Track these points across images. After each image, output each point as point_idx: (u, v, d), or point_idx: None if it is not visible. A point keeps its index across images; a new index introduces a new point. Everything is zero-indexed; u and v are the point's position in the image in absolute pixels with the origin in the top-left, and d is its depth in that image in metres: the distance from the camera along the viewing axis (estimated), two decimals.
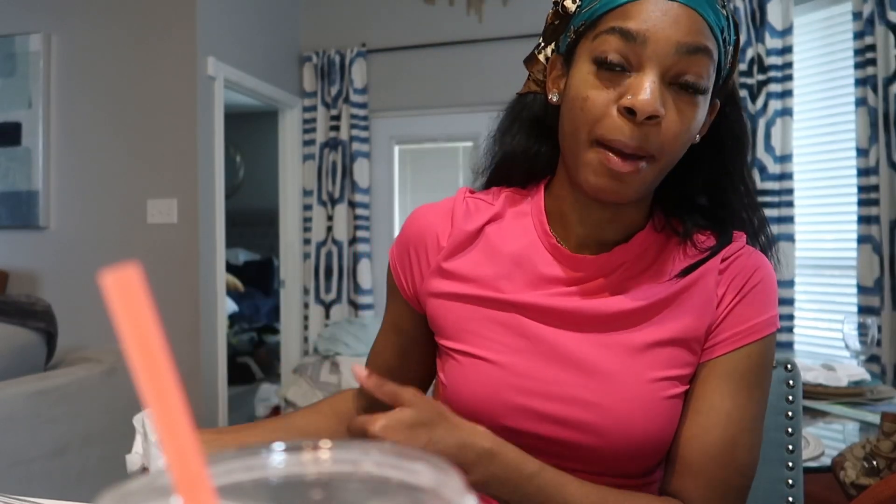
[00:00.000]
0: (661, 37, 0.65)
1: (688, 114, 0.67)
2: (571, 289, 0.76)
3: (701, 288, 0.74)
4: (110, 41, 3.32)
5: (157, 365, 0.19)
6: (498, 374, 0.74)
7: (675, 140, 0.67)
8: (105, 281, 0.19)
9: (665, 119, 0.66)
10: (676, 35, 0.65)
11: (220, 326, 3.37)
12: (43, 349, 1.76)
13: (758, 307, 0.73)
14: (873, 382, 1.85)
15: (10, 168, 3.38)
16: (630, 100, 0.65)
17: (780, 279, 3.10)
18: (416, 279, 0.83)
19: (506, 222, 0.81)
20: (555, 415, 0.72)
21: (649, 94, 0.64)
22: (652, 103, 0.64)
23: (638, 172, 0.68)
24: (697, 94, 0.67)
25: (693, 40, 0.65)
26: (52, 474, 1.60)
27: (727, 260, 0.75)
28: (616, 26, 0.66)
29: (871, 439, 1.23)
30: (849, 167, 2.92)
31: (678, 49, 0.65)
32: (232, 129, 4.01)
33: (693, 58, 0.65)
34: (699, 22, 0.66)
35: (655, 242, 0.77)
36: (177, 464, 0.19)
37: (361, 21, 4.10)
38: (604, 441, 0.71)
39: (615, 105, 0.66)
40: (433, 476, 0.21)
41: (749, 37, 3.24)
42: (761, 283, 0.74)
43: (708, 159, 0.77)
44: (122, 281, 0.19)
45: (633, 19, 0.65)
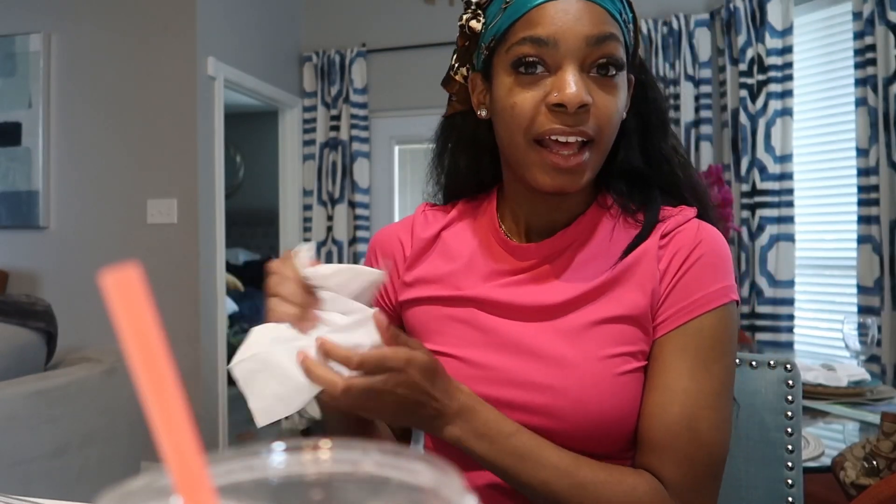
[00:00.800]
0: (569, 35, 0.69)
1: (613, 94, 0.72)
2: (521, 277, 0.79)
3: (643, 265, 0.76)
4: (110, 41, 3.32)
5: (156, 365, 0.19)
6: (458, 366, 0.77)
7: (608, 121, 0.72)
8: (105, 281, 0.19)
9: (594, 104, 0.71)
10: (583, 30, 0.69)
11: (220, 326, 3.37)
12: (43, 349, 1.76)
13: (703, 280, 0.74)
14: (873, 382, 1.85)
15: (10, 168, 3.39)
16: (557, 96, 0.69)
17: (780, 279, 3.13)
18: (391, 294, 0.87)
19: (461, 226, 0.87)
20: (515, 401, 0.74)
21: (574, 87, 0.69)
22: (578, 94, 0.68)
23: (584, 164, 0.72)
24: (616, 75, 0.72)
25: (599, 31, 0.70)
26: (52, 474, 1.60)
27: (668, 235, 0.77)
28: (526, 36, 0.71)
29: (871, 439, 1.23)
30: (849, 167, 2.92)
31: (588, 42, 0.70)
32: (232, 129, 4.01)
33: (603, 45, 0.70)
34: (600, 12, 0.70)
35: (601, 221, 0.81)
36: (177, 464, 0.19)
37: (361, 21, 4.10)
38: (564, 423, 0.73)
39: (543, 104, 0.71)
40: (433, 476, 0.21)
41: (749, 37, 3.24)
42: (705, 256, 0.75)
43: (634, 132, 0.81)
44: (122, 281, 0.19)
45: (539, 25, 0.70)
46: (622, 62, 0.72)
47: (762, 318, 3.20)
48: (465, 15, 0.78)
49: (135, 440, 1.91)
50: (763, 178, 3.20)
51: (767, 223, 3.19)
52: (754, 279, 3.21)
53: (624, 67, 0.72)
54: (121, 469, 1.85)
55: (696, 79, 3.45)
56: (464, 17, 0.79)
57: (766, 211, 3.19)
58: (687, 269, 0.75)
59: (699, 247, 0.76)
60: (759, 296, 3.20)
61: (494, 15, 0.74)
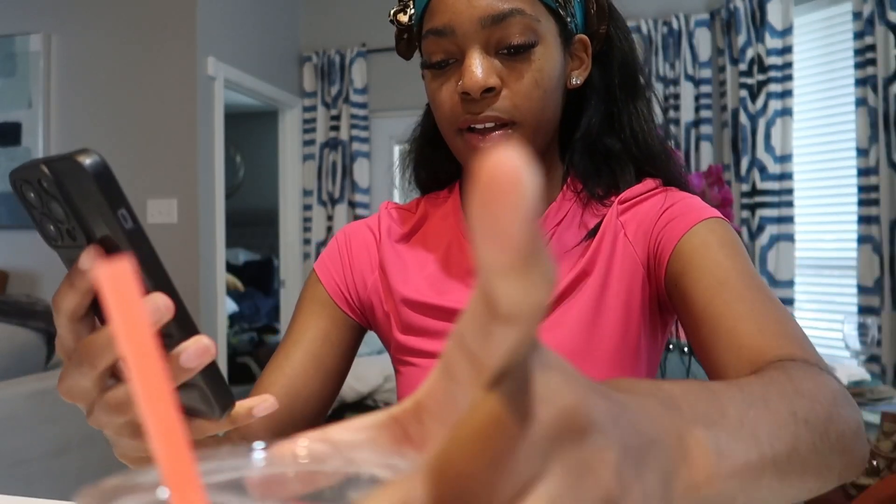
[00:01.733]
0: (463, 20, 0.67)
1: (527, 72, 0.68)
2: None
3: (608, 242, 0.72)
4: (110, 41, 3.32)
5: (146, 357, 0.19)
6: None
7: (526, 99, 0.68)
8: (98, 274, 0.19)
9: (507, 86, 0.68)
10: (476, 13, 0.66)
11: (220, 326, 3.37)
12: (43, 349, 1.76)
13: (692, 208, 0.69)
14: (873, 382, 1.85)
15: (10, 168, 3.38)
16: (461, 84, 0.67)
17: (780, 279, 3.13)
18: (359, 288, 0.81)
19: (429, 228, 0.83)
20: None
21: (477, 73, 0.66)
22: (479, 80, 0.66)
23: (505, 139, 0.69)
24: (528, 51, 0.67)
25: (495, 10, 0.66)
26: (52, 474, 1.60)
27: (627, 202, 0.73)
28: (428, 29, 0.69)
29: (871, 439, 1.23)
30: (849, 167, 2.92)
31: (483, 23, 0.66)
32: (232, 129, 4.01)
33: (503, 24, 0.66)
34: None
35: (570, 208, 0.76)
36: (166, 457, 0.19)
37: (361, 21, 4.10)
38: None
39: (457, 94, 0.69)
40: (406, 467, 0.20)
41: (749, 37, 3.25)
42: (676, 197, 0.71)
43: (599, 97, 0.76)
44: (115, 274, 0.19)
45: (437, 15, 0.68)
46: (532, 37, 0.67)
47: None
48: (394, 9, 0.78)
49: None
50: (763, 178, 3.20)
51: (767, 223, 3.19)
52: None
53: (538, 41, 0.67)
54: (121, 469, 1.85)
55: (696, 79, 3.45)
56: (391, 12, 0.78)
57: (766, 211, 3.19)
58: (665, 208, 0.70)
59: (668, 195, 0.72)
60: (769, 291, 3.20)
61: (418, 6, 0.73)
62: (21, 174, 0.33)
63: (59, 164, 0.31)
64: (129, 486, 0.20)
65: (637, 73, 0.77)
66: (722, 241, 0.65)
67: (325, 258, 0.83)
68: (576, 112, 0.76)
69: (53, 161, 0.30)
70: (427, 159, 0.88)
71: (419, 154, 0.90)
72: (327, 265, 0.82)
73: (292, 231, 4.16)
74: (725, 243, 0.65)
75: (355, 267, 0.81)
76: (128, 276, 0.20)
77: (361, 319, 0.82)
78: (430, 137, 0.87)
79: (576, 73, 0.74)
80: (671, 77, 3.48)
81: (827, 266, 3.17)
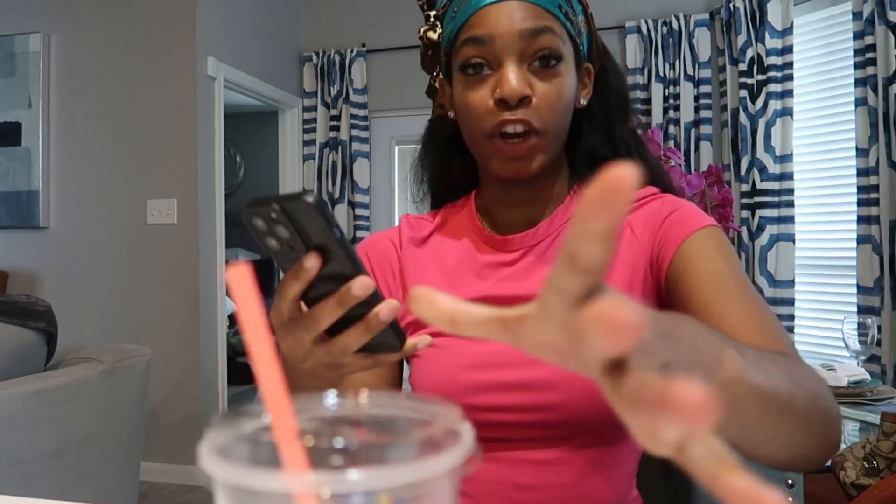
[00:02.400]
0: (503, 32, 0.76)
1: (554, 83, 0.77)
2: (510, 269, 0.82)
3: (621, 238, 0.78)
4: (110, 41, 3.32)
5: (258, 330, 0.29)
6: (458, 353, 0.78)
7: (551, 110, 0.77)
8: (227, 272, 0.29)
9: (536, 95, 0.76)
10: (516, 26, 0.75)
11: (220, 326, 3.37)
12: (43, 349, 1.76)
13: (690, 215, 0.77)
14: (873, 382, 1.85)
15: (10, 168, 3.39)
16: (499, 92, 0.75)
17: (780, 279, 3.13)
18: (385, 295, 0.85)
19: (446, 230, 0.90)
20: (516, 381, 0.75)
21: (514, 82, 0.75)
22: (517, 89, 0.75)
23: (531, 148, 0.77)
24: (556, 65, 0.77)
25: (530, 25, 0.75)
26: (52, 474, 1.60)
27: (632, 204, 0.79)
28: (467, 37, 0.78)
29: (871, 439, 1.23)
30: (849, 167, 2.92)
31: (521, 36, 0.75)
32: (232, 129, 4.01)
33: (537, 38, 0.76)
34: (533, 8, 0.76)
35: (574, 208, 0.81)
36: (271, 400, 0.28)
37: (361, 21, 4.10)
38: (565, 394, 0.73)
39: (491, 100, 0.77)
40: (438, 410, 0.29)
41: (749, 37, 3.25)
42: (677, 204, 0.80)
43: (599, 118, 0.87)
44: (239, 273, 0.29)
45: (477, 27, 0.77)
46: (560, 53, 0.77)
47: None
48: (423, 27, 0.86)
49: (135, 440, 1.92)
50: (763, 178, 3.20)
51: (767, 223, 3.19)
52: (754, 279, 3.21)
53: (563, 58, 0.77)
54: (121, 469, 1.85)
55: (696, 79, 3.45)
56: (421, 29, 0.86)
57: (766, 211, 3.19)
58: (668, 214, 0.78)
59: (667, 200, 0.81)
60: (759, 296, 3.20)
61: (447, 24, 0.82)
62: (253, 210, 0.46)
63: (288, 202, 0.45)
64: (245, 413, 0.29)
65: (628, 102, 0.88)
66: (720, 248, 0.74)
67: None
68: (575, 130, 0.85)
69: (283, 200, 0.45)
70: (444, 169, 0.94)
71: (434, 164, 0.95)
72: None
73: None
74: (723, 250, 0.74)
75: (379, 276, 0.88)
76: (246, 273, 0.29)
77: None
78: (444, 146, 0.93)
79: (583, 94, 0.84)
80: (671, 77, 3.48)
81: (827, 266, 3.17)
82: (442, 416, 0.29)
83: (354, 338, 0.52)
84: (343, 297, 0.49)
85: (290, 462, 0.27)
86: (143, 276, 3.26)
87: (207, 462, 0.25)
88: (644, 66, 3.54)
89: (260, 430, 0.29)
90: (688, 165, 3.42)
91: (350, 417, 0.31)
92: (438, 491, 0.26)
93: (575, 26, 0.80)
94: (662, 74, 3.49)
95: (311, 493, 0.24)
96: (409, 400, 0.31)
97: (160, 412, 3.23)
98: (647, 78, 3.53)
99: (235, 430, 0.29)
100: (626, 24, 3.55)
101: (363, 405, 0.31)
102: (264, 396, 0.28)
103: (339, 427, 0.31)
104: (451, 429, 0.27)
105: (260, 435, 0.29)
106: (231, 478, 0.25)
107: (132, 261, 3.28)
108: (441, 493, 0.26)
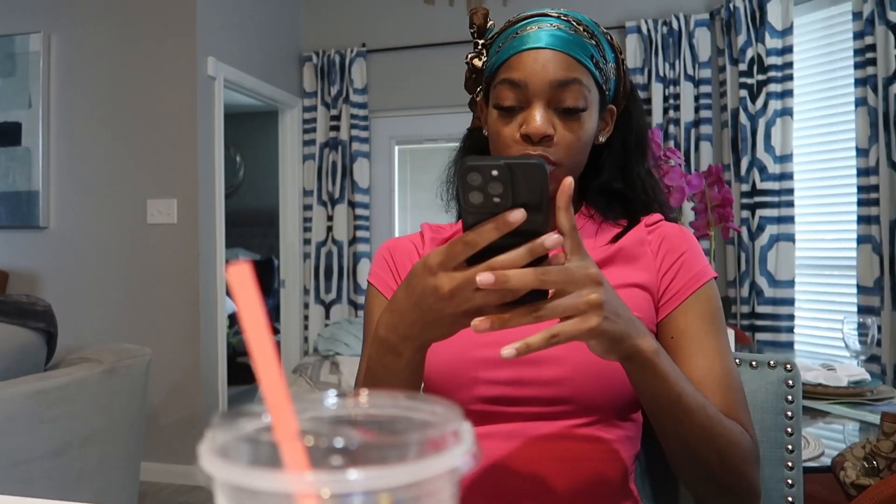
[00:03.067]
0: (537, 80, 0.84)
1: (575, 129, 0.85)
2: None
3: (638, 248, 0.89)
4: (110, 41, 3.32)
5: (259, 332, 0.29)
6: (460, 354, 0.83)
7: (569, 150, 0.85)
8: (228, 271, 0.29)
9: (557, 136, 0.84)
10: (549, 76, 0.83)
11: (220, 326, 3.37)
12: (43, 349, 1.76)
13: (695, 259, 0.89)
14: (873, 382, 1.85)
15: (10, 168, 3.39)
16: (525, 129, 0.84)
17: (780, 279, 3.13)
18: None
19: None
20: (523, 378, 0.81)
21: (539, 122, 0.83)
22: (541, 128, 0.83)
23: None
24: (578, 113, 0.85)
25: (562, 76, 0.83)
26: (52, 474, 1.60)
27: (651, 226, 0.93)
28: (505, 78, 0.86)
29: (871, 439, 1.23)
30: (849, 167, 2.92)
31: (552, 85, 0.83)
32: (232, 129, 4.01)
33: (566, 88, 0.83)
34: (566, 60, 0.84)
35: (584, 225, 0.95)
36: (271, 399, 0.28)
37: (361, 21, 4.10)
38: (572, 389, 0.80)
39: (518, 133, 0.85)
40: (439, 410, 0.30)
41: (749, 37, 3.25)
42: (690, 242, 0.91)
43: (617, 155, 0.95)
44: (239, 272, 0.29)
45: (515, 70, 0.85)
46: (584, 104, 0.84)
47: (762, 318, 3.20)
48: (471, 54, 0.95)
49: (135, 440, 1.91)
50: (763, 178, 3.20)
51: (767, 223, 3.19)
52: (754, 279, 3.21)
53: (588, 108, 0.85)
54: (121, 469, 1.85)
55: (696, 79, 3.45)
56: (469, 56, 0.95)
57: (766, 211, 3.19)
58: (683, 251, 0.89)
59: (684, 235, 0.91)
60: (759, 296, 3.20)
61: (491, 55, 0.91)
62: (474, 164, 0.54)
63: (517, 161, 0.54)
64: (245, 413, 0.30)
65: (647, 141, 0.97)
66: (712, 311, 0.86)
67: (377, 270, 0.96)
68: (593, 162, 0.94)
69: (511, 160, 0.54)
70: None
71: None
72: (381, 276, 0.95)
73: (292, 231, 4.16)
74: (714, 311, 0.86)
75: (402, 272, 0.94)
76: (246, 273, 0.29)
77: None
78: (477, 153, 1.00)
79: (602, 133, 0.93)
80: (671, 77, 3.48)
81: (827, 266, 3.17)
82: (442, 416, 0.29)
83: (519, 258, 0.57)
84: (535, 248, 0.56)
85: (290, 462, 0.27)
86: (143, 276, 3.26)
87: (207, 462, 0.26)
88: (644, 66, 3.54)
89: (260, 430, 0.29)
90: (688, 165, 3.42)
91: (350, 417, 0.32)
92: (438, 491, 0.26)
93: (604, 73, 0.87)
94: (662, 74, 3.49)
95: (311, 493, 0.24)
96: (409, 400, 0.31)
97: (160, 412, 3.23)
98: (647, 78, 3.53)
99: (235, 430, 0.29)
100: (626, 24, 3.55)
101: (363, 405, 0.32)
102: (264, 396, 0.29)
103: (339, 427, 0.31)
104: (451, 429, 0.28)
105: (260, 435, 0.29)
106: (231, 478, 0.25)
107: (132, 261, 3.28)
108: (441, 493, 0.27)
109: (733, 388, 0.82)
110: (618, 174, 0.95)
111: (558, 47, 0.84)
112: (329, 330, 3.79)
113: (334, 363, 3.55)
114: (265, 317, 0.29)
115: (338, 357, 3.57)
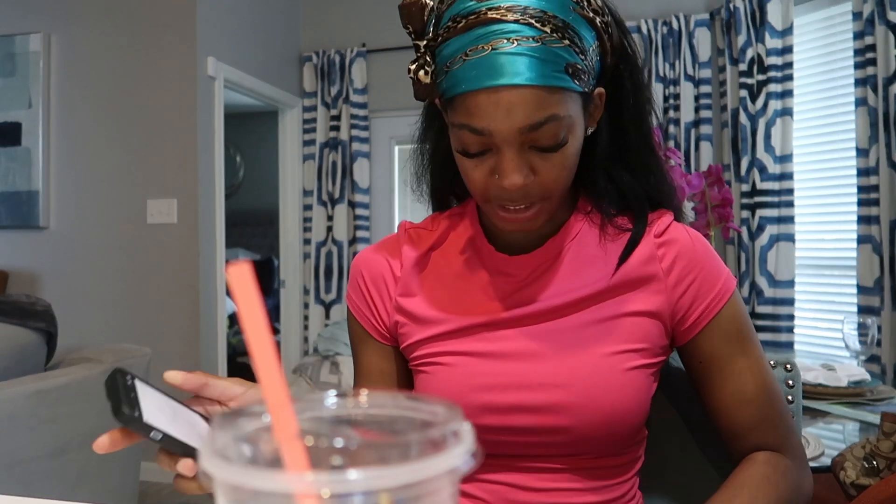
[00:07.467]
0: (502, 129, 0.67)
1: (557, 162, 0.71)
2: (520, 288, 0.81)
3: (647, 267, 0.79)
4: (110, 41, 3.32)
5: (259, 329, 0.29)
6: (463, 377, 0.77)
7: (554, 183, 0.72)
8: (228, 271, 0.29)
9: (539, 174, 0.71)
10: (517, 122, 0.67)
11: (220, 326, 3.37)
12: (43, 349, 1.76)
13: (714, 274, 0.79)
14: (873, 382, 1.85)
15: (10, 168, 3.39)
16: (498, 181, 0.70)
17: (780, 279, 3.13)
18: (384, 316, 0.86)
19: (448, 245, 0.87)
20: (525, 404, 0.75)
21: (514, 176, 0.69)
22: (516, 181, 0.69)
23: (536, 213, 0.74)
24: (559, 147, 0.70)
25: (534, 119, 0.67)
26: (52, 474, 1.60)
27: (661, 236, 0.80)
28: (464, 123, 0.69)
29: (871, 439, 1.23)
30: (849, 167, 2.92)
31: (521, 131, 0.67)
32: (232, 129, 4.01)
33: (541, 129, 0.68)
34: (535, 96, 0.66)
35: (583, 227, 0.83)
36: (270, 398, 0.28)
37: (361, 21, 4.10)
38: (573, 419, 0.74)
39: (492, 176, 0.71)
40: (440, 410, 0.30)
41: (749, 37, 3.24)
42: (705, 253, 0.80)
43: (610, 140, 0.80)
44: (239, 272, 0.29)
45: (475, 116, 0.68)
46: (564, 138, 0.69)
47: (762, 318, 3.20)
48: (412, 65, 0.74)
49: None
50: (763, 178, 3.20)
51: (767, 223, 3.19)
52: (754, 279, 3.21)
53: (569, 136, 0.70)
54: (121, 469, 1.85)
55: (696, 79, 3.45)
56: (411, 68, 0.74)
57: (766, 211, 3.19)
58: (700, 268, 0.79)
59: (697, 245, 0.80)
60: (759, 296, 3.20)
61: (440, 71, 0.71)
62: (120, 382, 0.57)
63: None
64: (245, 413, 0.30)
65: (644, 118, 0.80)
66: (740, 327, 0.79)
67: (351, 294, 0.88)
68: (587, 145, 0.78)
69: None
70: (446, 179, 0.89)
71: (436, 176, 0.89)
72: (354, 301, 0.88)
73: (292, 231, 4.15)
74: (743, 325, 0.79)
75: (374, 297, 0.86)
76: (246, 273, 0.29)
77: (395, 343, 0.86)
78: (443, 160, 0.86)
79: (590, 125, 0.77)
80: (671, 77, 3.48)
81: (827, 266, 3.17)
82: (442, 416, 0.29)
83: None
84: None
85: (290, 462, 0.27)
86: (142, 276, 3.26)
87: (207, 462, 0.26)
88: (644, 66, 3.53)
89: (260, 430, 0.29)
90: (688, 165, 3.42)
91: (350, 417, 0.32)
92: (438, 491, 0.26)
93: (585, 72, 0.69)
94: (662, 74, 3.49)
95: (311, 493, 0.24)
96: (409, 400, 0.31)
97: None
98: (647, 78, 3.53)
99: (235, 430, 0.29)
100: (626, 24, 3.55)
101: (363, 405, 0.32)
102: (264, 396, 0.28)
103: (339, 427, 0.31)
104: (451, 429, 0.28)
105: (260, 435, 0.29)
106: (231, 478, 0.25)
107: (132, 261, 3.28)
108: (441, 493, 0.26)
109: (766, 405, 0.78)
110: (615, 154, 0.80)
111: (524, 81, 0.65)
112: (329, 330, 3.78)
113: (334, 363, 3.55)
114: (265, 317, 0.29)
115: (338, 357, 3.57)
